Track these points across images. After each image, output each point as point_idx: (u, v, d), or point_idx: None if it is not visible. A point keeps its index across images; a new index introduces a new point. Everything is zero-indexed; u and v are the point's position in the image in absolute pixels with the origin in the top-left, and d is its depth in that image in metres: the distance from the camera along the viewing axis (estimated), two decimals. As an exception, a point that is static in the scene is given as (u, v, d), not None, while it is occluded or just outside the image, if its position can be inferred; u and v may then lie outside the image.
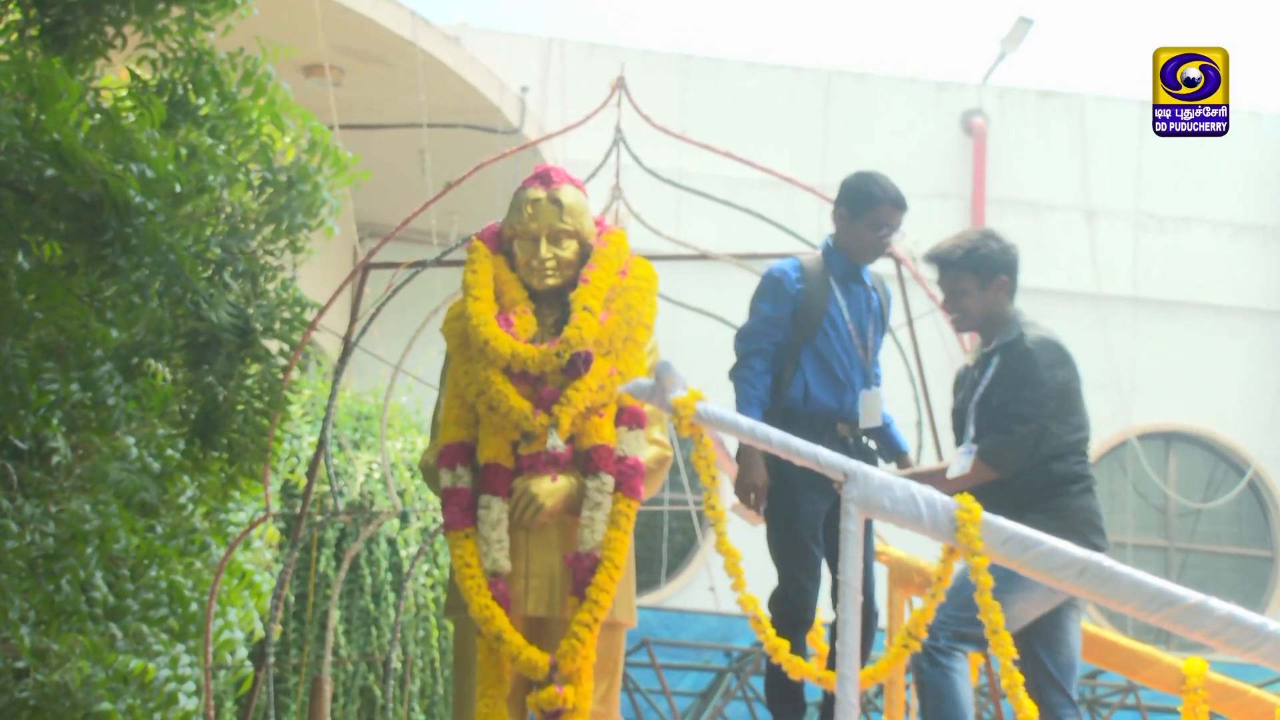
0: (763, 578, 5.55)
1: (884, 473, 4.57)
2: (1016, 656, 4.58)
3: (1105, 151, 18.17)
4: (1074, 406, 5.50)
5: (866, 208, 5.78)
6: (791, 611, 5.56)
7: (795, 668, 4.76)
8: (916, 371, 7.16)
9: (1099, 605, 5.50)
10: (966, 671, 5.30)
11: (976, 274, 5.62)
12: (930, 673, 5.26)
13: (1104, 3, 39.82)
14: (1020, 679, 4.53)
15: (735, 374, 5.71)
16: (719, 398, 5.49)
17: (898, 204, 5.79)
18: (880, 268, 6.22)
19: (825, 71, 18.13)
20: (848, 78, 18.18)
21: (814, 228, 5.88)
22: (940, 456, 7.24)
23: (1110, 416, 17.50)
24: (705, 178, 9.30)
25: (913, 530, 4.56)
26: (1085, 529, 5.30)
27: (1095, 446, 17.56)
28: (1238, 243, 18.29)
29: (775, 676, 5.46)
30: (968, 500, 4.43)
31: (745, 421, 4.86)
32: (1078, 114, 18.34)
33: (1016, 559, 4.38)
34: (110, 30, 5.67)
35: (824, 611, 5.71)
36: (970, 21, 41.27)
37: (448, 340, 5.48)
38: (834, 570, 5.08)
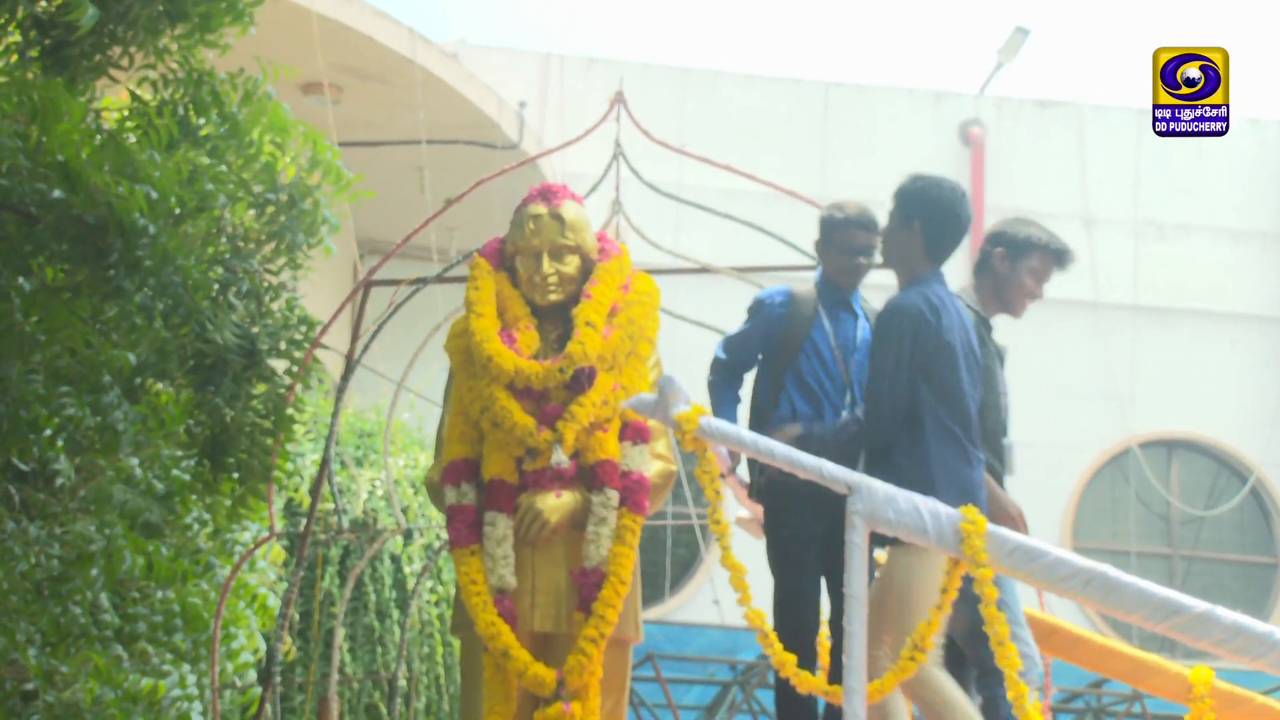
0: (768, 590, 5.56)
1: (889, 486, 4.56)
2: (1022, 668, 4.58)
3: (1103, 160, 18.19)
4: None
5: (834, 233, 5.87)
6: (791, 616, 5.60)
7: (803, 681, 4.76)
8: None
9: (1104, 614, 5.49)
10: None
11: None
12: None
13: (1100, 13, 39.90)
14: (1025, 689, 4.53)
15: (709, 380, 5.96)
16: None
17: (861, 225, 5.88)
18: (883, 278, 6.21)
19: (823, 84, 18.15)
20: (846, 89, 18.20)
21: (813, 240, 5.93)
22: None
23: (1111, 425, 17.52)
24: (704, 191, 9.31)
25: (918, 543, 4.56)
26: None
27: (1097, 455, 17.71)
28: (1237, 249, 18.30)
29: (785, 690, 5.47)
30: (972, 512, 4.43)
31: (749, 436, 4.86)
32: (1075, 123, 18.36)
33: (1022, 570, 4.38)
34: (116, 50, 5.67)
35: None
36: (967, 32, 41.35)
37: (451, 357, 5.49)
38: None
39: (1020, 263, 5.89)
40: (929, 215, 5.53)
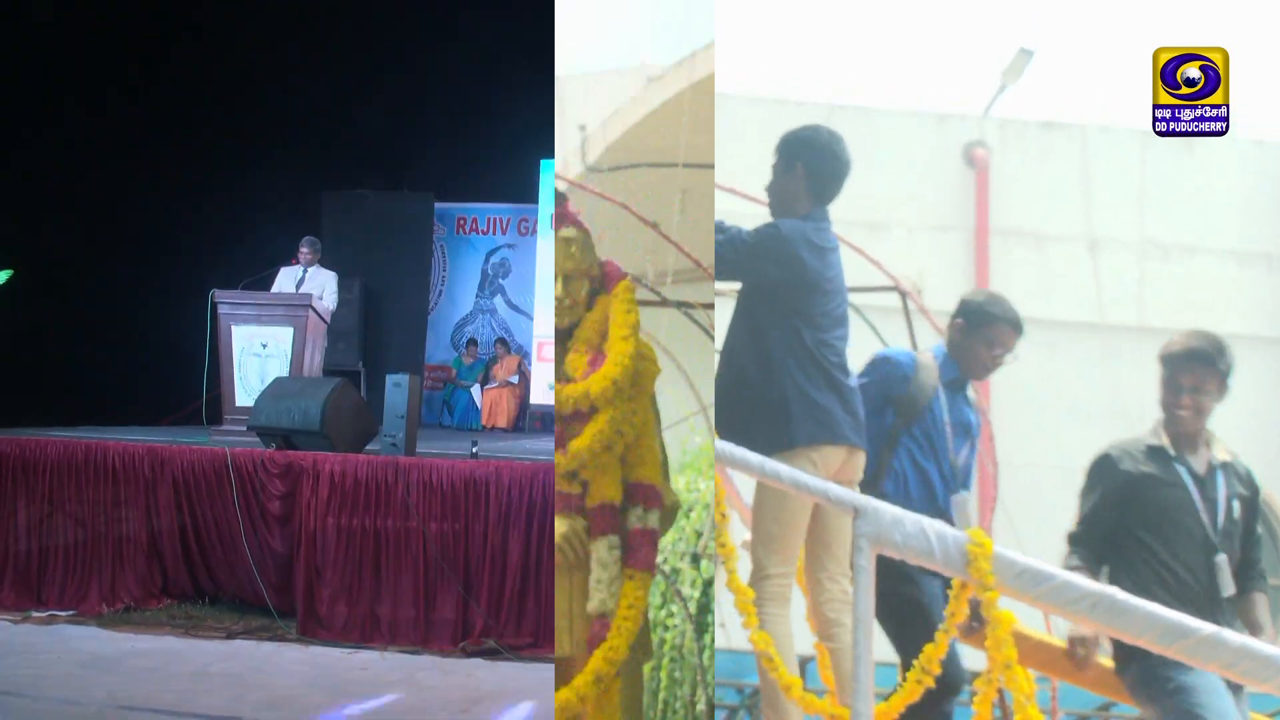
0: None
1: (896, 508, 4.54)
2: (1030, 692, 4.55)
3: (1108, 181, 18.16)
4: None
5: (985, 324, 5.91)
6: None
7: (809, 705, 4.74)
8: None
9: (1110, 638, 5.46)
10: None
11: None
12: None
13: (1105, 34, 39.94)
14: (1038, 716, 4.50)
15: None
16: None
17: (1016, 326, 5.96)
18: (888, 300, 6.19)
19: (827, 105, 18.14)
20: (849, 111, 18.17)
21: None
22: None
23: (1118, 446, 17.44)
24: (709, 213, 9.28)
25: (925, 565, 4.54)
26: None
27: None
28: (1243, 271, 18.26)
29: None
30: (979, 535, 4.41)
31: (755, 458, 4.85)
32: (1080, 144, 18.33)
33: (1029, 593, 4.36)
34: None
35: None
36: (971, 54, 41.40)
37: None
38: None
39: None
40: (810, 158, 5.67)
